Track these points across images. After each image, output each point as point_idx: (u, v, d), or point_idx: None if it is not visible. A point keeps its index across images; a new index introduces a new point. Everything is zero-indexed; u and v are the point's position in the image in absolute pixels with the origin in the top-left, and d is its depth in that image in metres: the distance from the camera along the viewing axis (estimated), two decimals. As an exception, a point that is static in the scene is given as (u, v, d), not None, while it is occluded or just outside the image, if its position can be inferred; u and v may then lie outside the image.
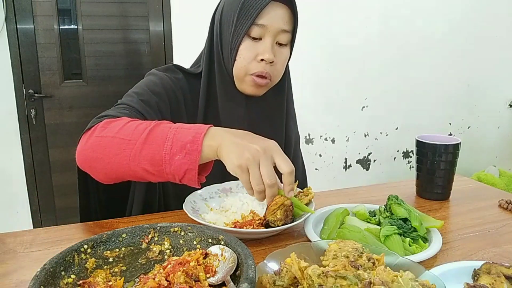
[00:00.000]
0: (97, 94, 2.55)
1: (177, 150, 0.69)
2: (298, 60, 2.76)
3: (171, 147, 0.70)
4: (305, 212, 0.79)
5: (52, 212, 2.60)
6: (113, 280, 0.55)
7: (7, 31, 2.29)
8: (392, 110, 3.17)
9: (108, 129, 0.75)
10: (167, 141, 0.70)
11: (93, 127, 0.78)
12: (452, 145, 0.97)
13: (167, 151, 0.70)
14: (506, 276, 0.57)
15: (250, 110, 0.97)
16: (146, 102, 0.88)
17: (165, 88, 0.92)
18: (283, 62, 0.92)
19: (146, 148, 0.71)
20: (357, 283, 0.50)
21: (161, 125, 0.74)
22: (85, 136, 0.78)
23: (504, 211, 0.92)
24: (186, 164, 0.69)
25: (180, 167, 0.69)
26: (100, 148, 0.75)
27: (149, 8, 2.54)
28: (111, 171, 0.76)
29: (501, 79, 3.46)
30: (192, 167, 0.69)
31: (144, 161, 0.71)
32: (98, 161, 0.76)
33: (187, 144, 0.69)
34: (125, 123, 0.75)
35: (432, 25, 3.11)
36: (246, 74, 0.89)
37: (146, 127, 0.73)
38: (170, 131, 0.72)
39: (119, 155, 0.73)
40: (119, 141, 0.73)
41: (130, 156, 0.72)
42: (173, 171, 0.70)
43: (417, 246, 0.72)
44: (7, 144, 2.41)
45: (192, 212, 0.78)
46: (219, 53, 0.93)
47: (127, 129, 0.74)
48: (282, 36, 0.88)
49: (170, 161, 0.70)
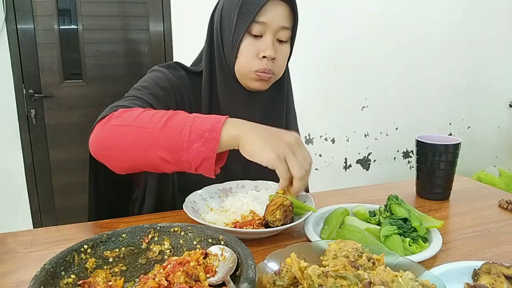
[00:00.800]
0: (97, 94, 2.55)
1: (195, 137, 0.69)
2: (299, 59, 2.76)
3: (189, 134, 0.69)
4: (307, 211, 0.79)
5: (52, 212, 2.60)
6: (113, 280, 0.55)
7: (7, 31, 2.29)
8: (392, 110, 3.17)
9: (124, 118, 0.75)
10: (185, 129, 0.70)
11: (108, 116, 0.77)
12: (452, 145, 0.97)
13: (185, 139, 0.69)
14: (506, 276, 0.57)
15: (252, 107, 0.97)
16: (155, 95, 0.88)
17: (171, 84, 0.93)
18: (284, 58, 0.93)
19: (164, 135, 0.70)
20: (357, 283, 0.50)
21: (179, 114, 0.74)
22: (100, 125, 0.77)
23: (504, 211, 0.92)
24: (204, 152, 0.69)
25: (198, 155, 0.69)
26: (116, 136, 0.74)
27: (149, 8, 2.54)
28: (127, 160, 0.76)
29: (501, 79, 3.46)
30: (210, 155, 0.69)
31: (161, 149, 0.71)
32: (114, 149, 0.75)
33: (206, 133, 0.69)
34: (141, 112, 0.75)
35: (432, 25, 3.11)
36: (251, 71, 0.90)
37: (163, 115, 0.73)
38: (188, 119, 0.71)
39: (135, 143, 0.72)
40: (136, 129, 0.72)
41: (147, 144, 0.71)
42: (190, 159, 0.70)
43: (417, 246, 0.72)
44: (7, 144, 2.41)
45: (192, 212, 0.78)
46: (220, 51, 0.93)
47: (144, 118, 0.73)
48: (282, 33, 0.89)
49: (188, 148, 0.69)
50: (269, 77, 0.91)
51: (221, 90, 0.95)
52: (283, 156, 0.69)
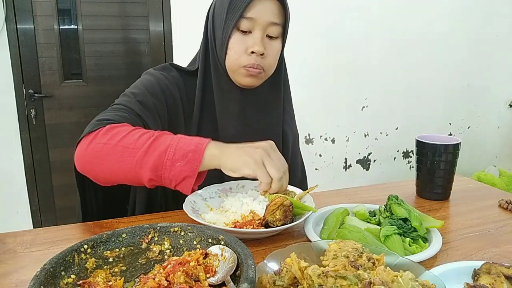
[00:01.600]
0: (97, 94, 2.55)
1: (179, 157, 0.74)
2: (298, 59, 2.78)
3: (173, 154, 0.74)
4: (307, 211, 0.79)
5: (52, 212, 2.60)
6: (113, 280, 0.55)
7: (7, 31, 2.29)
8: (392, 110, 3.17)
9: (111, 136, 0.78)
10: (169, 148, 0.75)
11: (95, 132, 0.79)
12: (452, 145, 0.97)
13: (169, 157, 0.74)
14: (506, 276, 0.57)
15: (245, 105, 0.97)
16: (143, 103, 0.89)
17: (162, 87, 0.93)
18: (274, 54, 0.92)
19: (149, 155, 0.75)
20: (357, 283, 0.50)
21: (164, 135, 0.78)
22: (86, 140, 0.80)
23: (504, 211, 0.92)
24: (186, 171, 0.74)
25: (180, 173, 0.74)
26: (102, 154, 0.77)
27: (149, 8, 2.54)
28: (111, 176, 0.80)
29: (501, 79, 3.46)
30: (191, 174, 0.74)
31: (145, 167, 0.75)
32: (99, 166, 0.78)
33: (189, 153, 0.74)
34: (129, 131, 0.78)
35: (432, 25, 3.11)
36: (239, 66, 0.90)
37: (150, 136, 0.77)
38: (174, 140, 0.76)
39: (121, 162, 0.76)
40: (122, 149, 0.76)
41: (132, 163, 0.76)
42: (172, 176, 0.74)
43: (417, 246, 0.72)
44: (7, 144, 2.41)
45: (192, 212, 0.78)
46: (213, 48, 0.94)
47: (131, 138, 0.77)
48: (271, 29, 0.89)
49: (171, 167, 0.74)
50: (259, 73, 0.90)
51: (215, 87, 0.95)
52: (260, 160, 0.74)
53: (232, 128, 0.97)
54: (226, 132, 0.96)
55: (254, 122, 0.99)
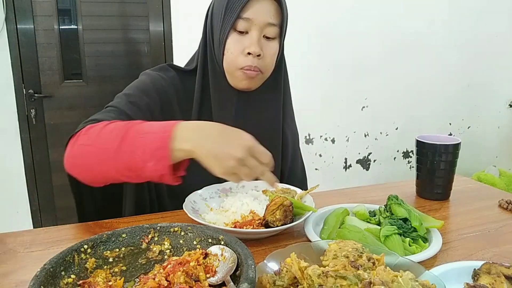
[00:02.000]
0: (97, 94, 2.55)
1: (148, 157, 0.71)
2: (298, 59, 2.78)
3: (142, 154, 0.71)
4: (307, 211, 0.79)
5: (52, 212, 2.60)
6: (113, 280, 0.55)
7: (7, 31, 2.29)
8: (392, 110, 3.17)
9: (88, 136, 0.78)
10: (137, 149, 0.72)
11: (77, 133, 0.80)
12: (452, 145, 0.97)
13: (139, 159, 0.71)
14: (506, 276, 0.57)
15: (243, 105, 0.97)
16: (135, 103, 0.89)
17: (156, 87, 0.93)
18: (272, 55, 0.92)
19: (121, 157, 0.73)
20: (357, 283, 0.50)
21: (131, 129, 0.74)
22: (71, 142, 0.81)
23: (504, 211, 0.92)
24: (159, 170, 0.71)
25: (155, 172, 0.71)
26: (83, 157, 0.78)
27: (149, 8, 2.54)
28: (97, 178, 0.80)
29: (501, 79, 3.46)
30: (165, 172, 0.71)
31: (123, 169, 0.74)
32: (84, 167, 0.79)
33: (156, 151, 0.70)
34: (101, 128, 0.77)
35: (432, 25, 3.11)
36: (236, 68, 0.90)
37: (118, 133, 0.74)
38: (138, 136, 0.72)
39: (100, 164, 0.75)
40: (97, 150, 0.75)
41: (109, 164, 0.74)
42: (149, 176, 0.72)
43: (417, 246, 0.72)
44: (7, 144, 2.41)
45: (192, 212, 0.78)
46: (211, 48, 0.93)
47: (103, 136, 0.76)
48: (269, 30, 0.88)
49: (144, 168, 0.71)
50: (256, 74, 0.90)
51: (212, 86, 0.95)
52: (231, 171, 0.68)
53: None
54: None
55: (252, 123, 0.99)
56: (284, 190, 0.88)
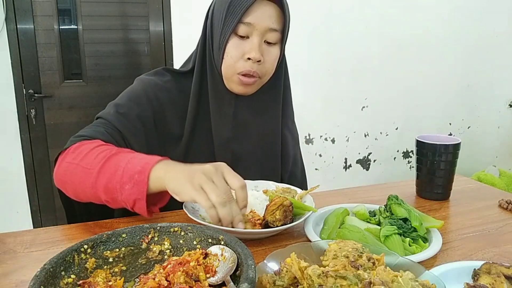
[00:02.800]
0: (97, 94, 2.55)
1: (126, 180, 0.72)
2: (298, 60, 2.78)
3: (121, 176, 0.72)
4: (307, 211, 0.79)
5: (52, 212, 2.60)
6: (113, 280, 0.55)
7: (7, 31, 2.29)
8: (392, 110, 3.17)
9: (76, 154, 0.79)
10: (118, 171, 0.73)
11: (67, 150, 0.82)
12: (452, 145, 0.97)
13: (117, 180, 0.72)
14: (506, 276, 0.57)
15: (241, 109, 0.96)
16: (125, 115, 0.90)
17: (147, 96, 0.93)
18: (272, 61, 0.91)
19: (101, 177, 0.74)
20: (357, 283, 0.50)
21: (119, 154, 0.76)
22: (60, 158, 0.83)
23: (504, 211, 0.92)
24: (135, 194, 0.71)
25: (130, 196, 0.72)
26: (68, 174, 0.80)
27: (149, 8, 2.54)
28: (79, 195, 0.81)
29: (501, 79, 3.46)
30: (140, 197, 0.71)
31: (100, 190, 0.75)
32: (68, 184, 0.81)
33: (136, 175, 0.71)
34: (90, 149, 0.78)
35: (432, 25, 3.11)
36: (234, 73, 0.89)
37: (104, 156, 0.76)
38: (124, 160, 0.74)
39: (82, 184, 0.77)
40: (82, 170, 0.77)
41: (89, 184, 0.76)
42: (124, 199, 0.73)
43: (417, 246, 0.72)
44: (7, 144, 2.41)
45: (192, 212, 0.78)
46: (210, 51, 0.93)
47: (90, 157, 0.77)
48: (270, 35, 0.87)
49: (121, 190, 0.72)
50: (253, 82, 0.90)
51: (210, 88, 0.94)
52: (198, 186, 0.66)
53: (227, 131, 0.96)
54: (220, 134, 0.96)
55: (250, 126, 0.98)
56: (284, 190, 0.88)
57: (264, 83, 0.95)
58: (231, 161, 0.86)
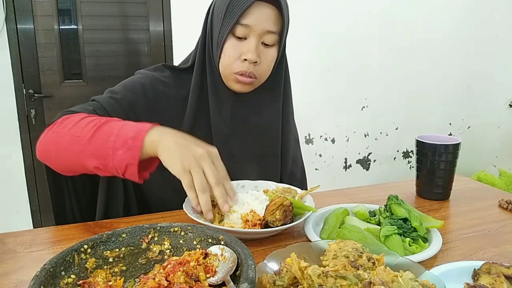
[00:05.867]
0: (97, 94, 2.54)
1: (119, 145, 0.72)
2: (298, 59, 2.77)
3: (114, 142, 0.72)
4: (307, 211, 0.79)
5: (52, 212, 2.59)
6: (113, 280, 0.55)
7: (7, 31, 2.29)
8: (392, 110, 3.17)
9: (64, 124, 0.79)
10: (111, 136, 0.73)
11: (54, 122, 0.82)
12: (452, 145, 0.97)
13: (110, 146, 0.72)
14: (506, 276, 0.57)
15: (239, 106, 0.97)
16: (117, 100, 0.91)
17: (143, 86, 0.93)
18: (269, 62, 0.91)
19: (92, 143, 0.74)
20: (357, 283, 0.50)
21: (110, 122, 0.77)
22: (47, 129, 0.82)
23: (504, 211, 0.92)
24: (127, 159, 0.71)
25: (122, 161, 0.72)
26: (54, 143, 0.79)
27: (149, 8, 2.53)
28: (63, 164, 0.81)
29: (501, 79, 3.46)
30: (133, 162, 0.71)
31: (91, 156, 0.74)
32: (52, 154, 0.81)
33: (129, 140, 0.72)
34: (80, 119, 0.79)
35: (432, 25, 3.11)
36: (231, 72, 0.90)
37: (96, 123, 0.76)
38: (116, 127, 0.75)
39: (68, 150, 0.77)
40: (70, 138, 0.77)
41: (78, 151, 0.75)
42: (116, 165, 0.72)
43: (417, 246, 0.72)
44: (7, 144, 2.41)
45: (192, 212, 0.78)
46: (209, 49, 0.93)
47: (79, 126, 0.77)
48: (267, 37, 0.88)
49: (113, 155, 0.72)
50: (250, 81, 0.90)
51: (209, 85, 0.95)
52: (188, 168, 0.69)
53: (226, 128, 0.97)
54: (219, 131, 0.96)
55: (249, 124, 0.99)
56: (284, 190, 0.88)
57: (262, 83, 0.95)
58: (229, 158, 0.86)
